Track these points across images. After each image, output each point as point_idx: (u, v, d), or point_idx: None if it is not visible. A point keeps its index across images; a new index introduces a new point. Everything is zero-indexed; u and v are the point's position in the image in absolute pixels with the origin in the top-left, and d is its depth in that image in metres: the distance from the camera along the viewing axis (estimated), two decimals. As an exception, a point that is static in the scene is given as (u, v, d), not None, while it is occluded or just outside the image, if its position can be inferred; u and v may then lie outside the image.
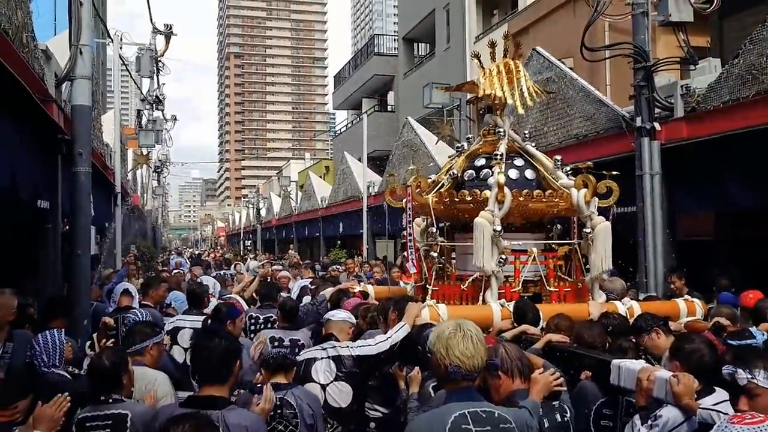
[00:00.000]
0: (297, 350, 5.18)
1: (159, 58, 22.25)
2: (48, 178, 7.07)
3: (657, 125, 8.62)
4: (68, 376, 4.53)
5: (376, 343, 4.63)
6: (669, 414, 3.24)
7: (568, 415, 3.47)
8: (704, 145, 8.21)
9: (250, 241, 46.46)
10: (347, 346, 4.65)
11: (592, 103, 10.40)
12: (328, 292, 6.92)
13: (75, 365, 4.80)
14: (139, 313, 6.12)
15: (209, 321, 5.92)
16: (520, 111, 6.37)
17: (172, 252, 38.19)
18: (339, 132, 39.69)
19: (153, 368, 4.40)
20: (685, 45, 8.84)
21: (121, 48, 19.72)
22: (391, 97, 33.15)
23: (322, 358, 4.55)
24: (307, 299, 7.74)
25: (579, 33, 9.37)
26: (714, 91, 8.06)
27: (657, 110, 8.73)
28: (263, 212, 42.74)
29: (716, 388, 3.47)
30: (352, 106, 38.84)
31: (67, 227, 7.83)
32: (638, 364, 3.60)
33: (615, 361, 3.70)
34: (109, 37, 17.01)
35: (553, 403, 3.40)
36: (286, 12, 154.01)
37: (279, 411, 3.80)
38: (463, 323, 3.15)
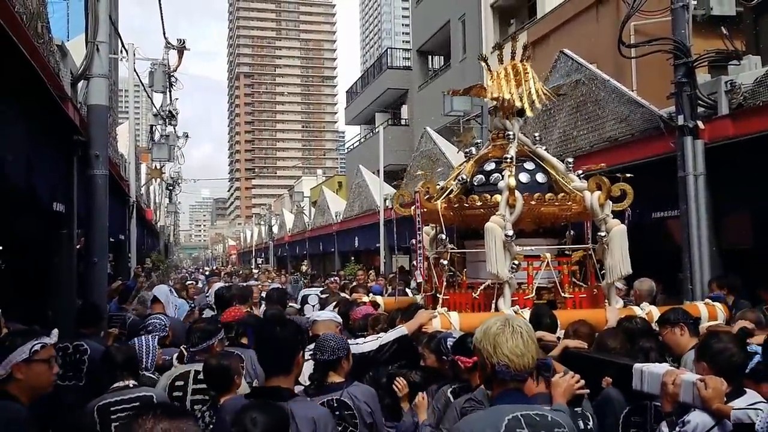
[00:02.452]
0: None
1: (172, 73, 22.14)
2: (63, 181, 6.72)
3: (700, 123, 8.19)
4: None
5: (364, 342, 4.53)
6: (698, 419, 3.06)
7: (591, 422, 3.25)
8: (752, 143, 7.76)
9: (261, 259, 46.11)
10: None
11: (625, 104, 9.99)
12: (332, 303, 6.99)
13: (160, 372, 4.74)
14: (159, 322, 5.90)
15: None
16: (529, 113, 6.19)
17: (194, 272, 37.79)
18: (351, 147, 39.39)
19: None
20: (728, 38, 8.42)
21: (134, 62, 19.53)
22: (404, 111, 32.86)
23: (307, 360, 4.22)
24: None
25: (602, 38, 9.04)
26: (764, 86, 7.63)
27: (699, 109, 8.30)
28: (275, 229, 42.47)
29: (747, 390, 3.29)
30: (364, 121, 38.60)
31: (83, 239, 7.49)
32: (662, 368, 3.38)
33: (637, 366, 3.48)
34: (124, 48, 16.74)
35: (576, 409, 3.16)
36: (296, 32, 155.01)
37: (336, 413, 3.48)
38: (513, 319, 2.88)
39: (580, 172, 6.17)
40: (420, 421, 3.84)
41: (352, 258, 24.85)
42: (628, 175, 6.03)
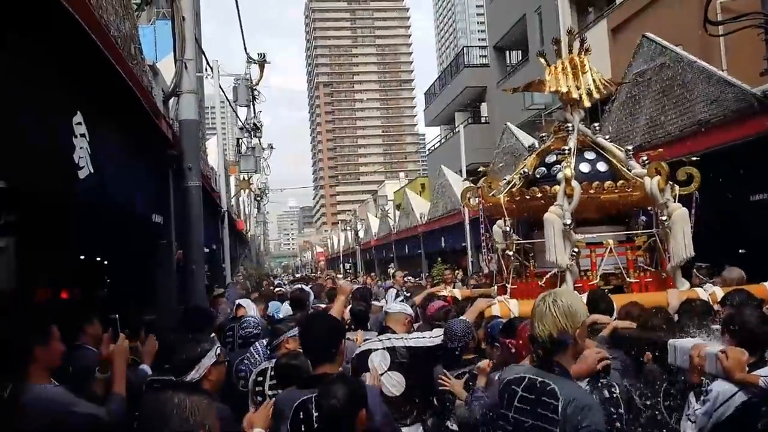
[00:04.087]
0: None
1: (254, 87, 22.81)
2: (160, 193, 7.05)
3: (799, 99, 7.82)
4: None
5: (430, 337, 4.65)
6: (720, 388, 3.25)
7: (617, 390, 3.28)
8: None
9: (349, 264, 46.68)
10: (402, 338, 4.67)
11: (715, 84, 9.61)
12: (418, 297, 7.21)
13: None
14: (253, 320, 6.17)
15: None
16: (586, 104, 6.32)
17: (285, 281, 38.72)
18: (433, 148, 39.39)
19: None
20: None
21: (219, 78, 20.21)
22: (484, 109, 32.62)
23: (377, 350, 4.55)
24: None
25: (686, 20, 8.73)
26: None
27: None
28: (361, 234, 42.92)
29: None
30: (444, 122, 38.55)
31: (180, 251, 7.82)
32: (691, 342, 3.57)
33: (671, 341, 3.69)
34: (209, 65, 17.38)
35: (601, 380, 3.27)
36: (371, 38, 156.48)
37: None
38: (552, 294, 3.06)
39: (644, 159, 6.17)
40: (479, 386, 4.03)
41: (439, 259, 24.82)
42: (694, 158, 6.16)
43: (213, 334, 5.72)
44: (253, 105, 23.65)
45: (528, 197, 6.19)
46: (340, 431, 2.66)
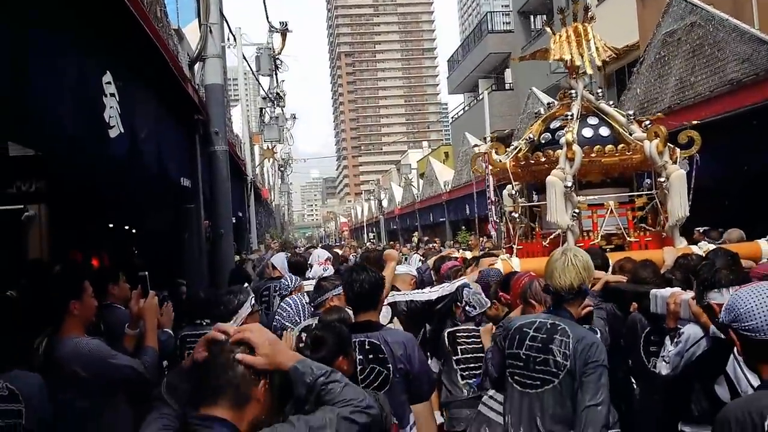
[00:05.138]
0: None
1: (277, 56, 22.72)
2: (188, 158, 7.10)
3: (834, 55, 7.61)
4: None
5: (430, 291, 5.04)
6: (690, 331, 3.58)
7: (600, 335, 3.82)
8: None
9: (373, 233, 46.80)
10: (404, 294, 5.10)
11: (747, 42, 9.39)
12: (431, 260, 7.60)
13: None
14: (287, 280, 6.16)
15: None
16: (589, 71, 6.61)
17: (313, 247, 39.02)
18: (456, 116, 39.09)
19: None
20: None
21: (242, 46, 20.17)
22: (508, 75, 32.23)
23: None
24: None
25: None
26: None
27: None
28: (385, 203, 42.93)
29: None
30: (467, 89, 38.16)
31: (206, 221, 7.90)
32: (668, 291, 3.84)
33: (653, 291, 3.96)
34: (232, 34, 17.32)
35: (584, 326, 3.55)
36: (393, 6, 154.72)
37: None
38: (571, 251, 3.45)
39: (696, 122, 6.60)
40: (486, 347, 4.30)
41: (463, 227, 24.78)
42: (695, 122, 6.58)
43: (246, 285, 5.83)
44: (276, 74, 23.60)
45: (533, 162, 6.50)
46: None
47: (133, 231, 12.30)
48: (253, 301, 3.81)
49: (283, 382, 1.96)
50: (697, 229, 7.51)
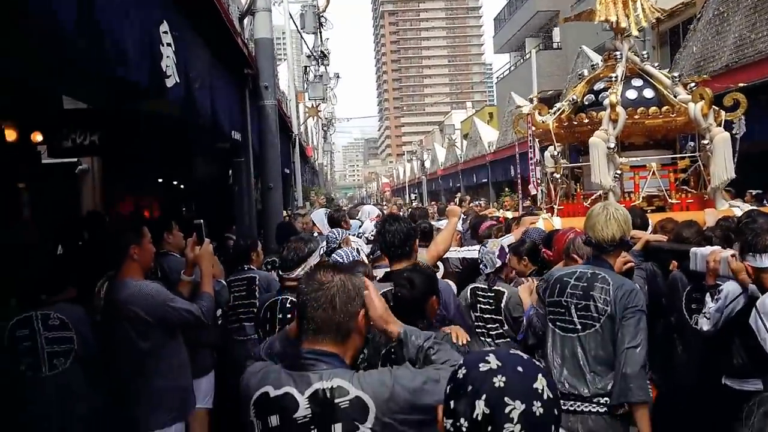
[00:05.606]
0: None
1: (321, 14, 22.57)
2: (238, 111, 7.14)
3: None
4: None
5: (472, 249, 5.21)
6: (729, 288, 3.64)
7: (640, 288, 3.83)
8: None
9: (415, 194, 46.75)
10: (455, 250, 5.21)
11: (814, -3, 9.01)
12: (470, 219, 7.93)
13: None
14: (335, 233, 6.28)
15: None
16: (635, 33, 6.61)
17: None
18: (501, 76, 38.50)
19: None
20: None
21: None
22: (556, 34, 31.52)
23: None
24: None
25: None
26: None
27: None
28: (427, 164, 42.77)
29: None
30: (514, 48, 37.52)
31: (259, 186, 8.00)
32: (709, 249, 3.92)
33: (692, 249, 4.03)
34: (276, -10, 17.24)
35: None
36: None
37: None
38: (611, 206, 3.61)
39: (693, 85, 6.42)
40: (528, 305, 4.34)
41: (506, 188, 24.58)
42: (741, 84, 6.79)
43: (316, 234, 5.97)
44: (320, 32, 23.48)
45: (575, 123, 6.59)
46: (412, 315, 2.76)
47: (182, 186, 12.52)
48: (322, 251, 3.89)
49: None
50: (750, 191, 7.41)
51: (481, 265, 4.54)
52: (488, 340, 4.51)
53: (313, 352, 1.89)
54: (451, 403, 1.34)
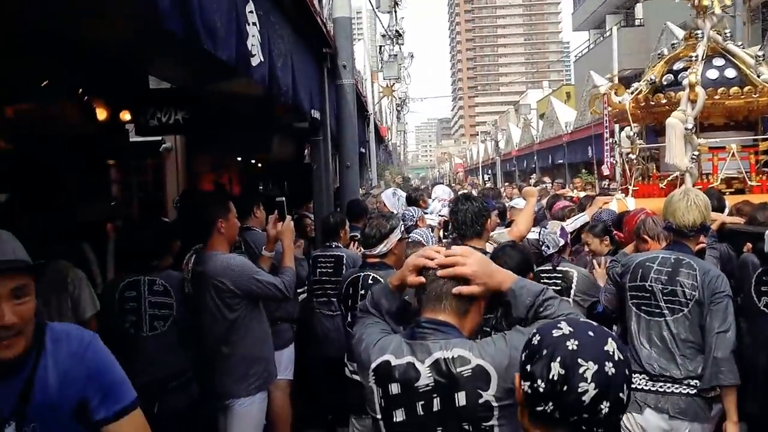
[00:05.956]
0: None
1: (396, -7, 22.49)
2: (317, 90, 7.21)
3: None
4: None
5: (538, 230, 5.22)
6: None
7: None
8: None
9: (488, 175, 46.32)
10: (533, 231, 5.16)
11: None
12: (544, 200, 7.99)
13: None
14: (412, 211, 6.49)
15: None
16: (717, 11, 6.39)
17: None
18: (580, 55, 37.52)
19: None
20: None
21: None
22: (638, 10, 30.45)
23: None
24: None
25: None
26: None
27: None
28: (502, 144, 42.28)
29: None
30: (593, 26, 36.50)
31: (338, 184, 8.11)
32: None
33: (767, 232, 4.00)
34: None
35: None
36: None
37: None
38: (692, 191, 3.69)
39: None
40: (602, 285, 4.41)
41: (584, 169, 24.05)
42: None
43: (397, 213, 6.05)
44: (395, 11, 23.43)
45: (653, 103, 6.50)
46: None
47: (259, 165, 12.79)
48: (403, 229, 3.96)
49: None
50: None
51: (543, 247, 4.47)
52: None
53: (431, 321, 1.93)
54: (528, 367, 1.41)
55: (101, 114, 7.32)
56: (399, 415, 1.91)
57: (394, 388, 1.91)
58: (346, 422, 4.03)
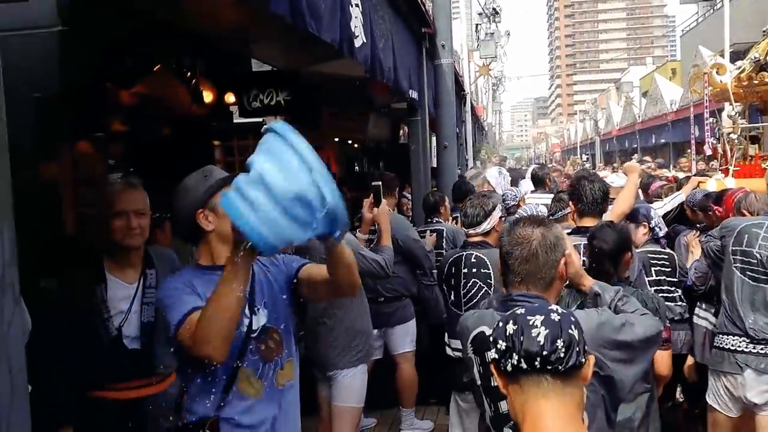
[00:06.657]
0: None
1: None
2: (416, 70, 7.21)
3: None
4: None
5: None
6: None
7: None
8: None
9: (587, 155, 45.05)
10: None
11: None
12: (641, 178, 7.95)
13: None
14: (512, 193, 6.40)
15: None
16: None
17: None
18: (687, 29, 35.72)
19: None
20: None
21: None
22: (753, -20, 28.62)
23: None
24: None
25: None
26: None
27: None
28: (601, 123, 41.01)
29: None
30: (703, -2, 34.57)
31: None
32: None
33: None
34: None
35: None
36: None
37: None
38: None
39: None
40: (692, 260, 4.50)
41: (689, 150, 23.01)
42: None
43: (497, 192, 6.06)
44: (493, -12, 23.07)
45: (756, 82, 6.34)
46: (606, 269, 2.97)
47: (355, 145, 12.92)
48: (502, 207, 4.00)
49: None
50: None
51: (656, 228, 4.44)
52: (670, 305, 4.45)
53: (523, 295, 2.06)
54: (491, 338, 1.59)
55: (208, 96, 7.58)
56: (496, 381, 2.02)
57: (490, 356, 2.01)
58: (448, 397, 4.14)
